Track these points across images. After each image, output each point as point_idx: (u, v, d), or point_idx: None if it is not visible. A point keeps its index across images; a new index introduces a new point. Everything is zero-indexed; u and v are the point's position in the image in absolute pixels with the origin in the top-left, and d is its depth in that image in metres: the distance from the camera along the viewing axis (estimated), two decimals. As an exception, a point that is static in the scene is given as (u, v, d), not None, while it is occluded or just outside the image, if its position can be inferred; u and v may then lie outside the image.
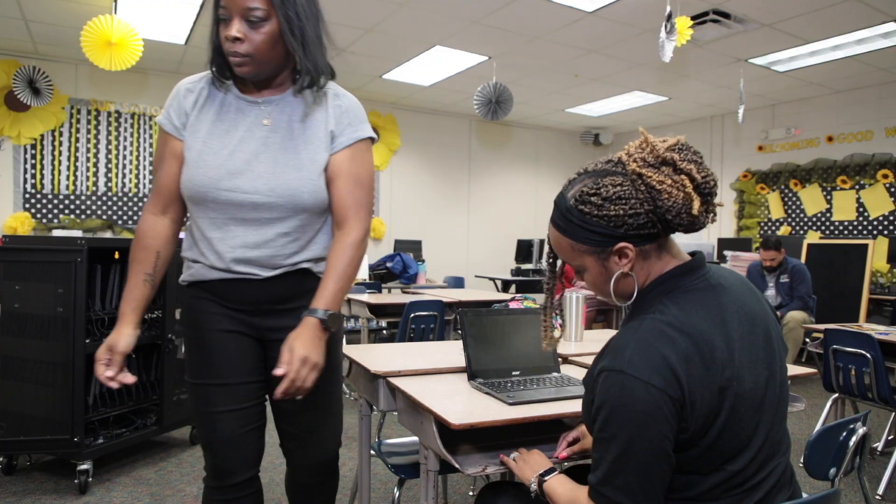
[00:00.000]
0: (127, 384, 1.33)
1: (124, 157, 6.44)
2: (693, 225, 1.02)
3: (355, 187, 1.41)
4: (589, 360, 1.83)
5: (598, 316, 5.75)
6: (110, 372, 1.32)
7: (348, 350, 1.92)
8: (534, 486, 1.21)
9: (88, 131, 6.28)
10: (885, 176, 6.37)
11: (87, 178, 6.27)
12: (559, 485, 1.16)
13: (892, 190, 6.35)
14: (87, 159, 6.27)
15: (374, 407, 1.71)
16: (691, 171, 0.99)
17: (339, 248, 1.37)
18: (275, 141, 1.37)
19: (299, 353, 1.23)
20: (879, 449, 3.33)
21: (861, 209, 6.61)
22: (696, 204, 0.98)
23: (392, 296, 4.86)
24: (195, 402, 1.44)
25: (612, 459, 0.95)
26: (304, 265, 1.42)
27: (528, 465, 1.26)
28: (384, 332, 5.36)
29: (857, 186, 6.64)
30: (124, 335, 1.35)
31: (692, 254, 1.10)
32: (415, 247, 7.27)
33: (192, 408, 1.47)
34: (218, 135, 1.37)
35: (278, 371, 1.22)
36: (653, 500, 0.96)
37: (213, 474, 1.45)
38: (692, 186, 0.99)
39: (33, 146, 6.03)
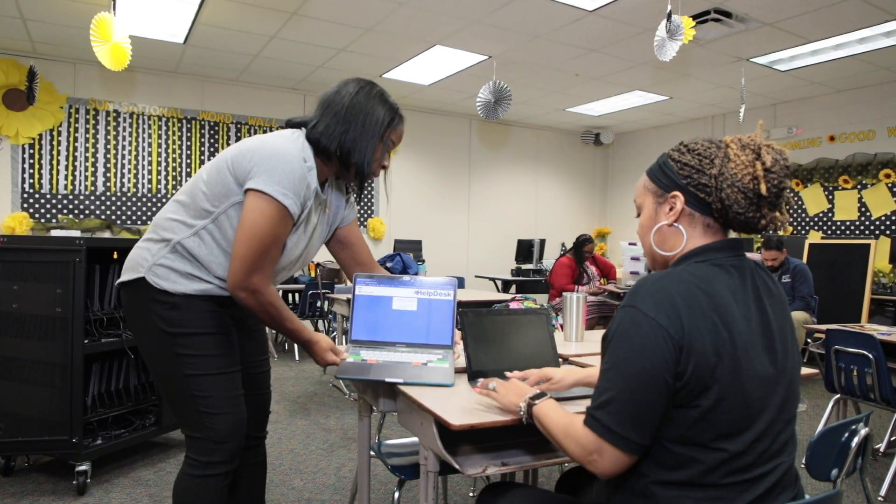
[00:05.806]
0: None
1: (123, 157, 6.42)
2: (747, 223, 1.09)
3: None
4: (589, 361, 1.83)
5: (599, 321, 5.74)
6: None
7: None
8: (523, 411, 1.19)
9: (87, 131, 6.27)
10: (888, 175, 6.36)
11: (86, 178, 6.26)
12: (551, 409, 1.15)
13: (895, 190, 6.34)
14: (86, 159, 6.26)
15: (374, 408, 1.71)
16: (766, 161, 1.06)
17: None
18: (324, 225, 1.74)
19: None
20: (882, 450, 3.32)
21: (863, 209, 6.60)
22: (763, 187, 1.05)
23: (392, 296, 4.84)
24: (224, 388, 1.59)
25: (610, 387, 1.02)
26: None
27: (512, 391, 1.26)
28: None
29: (859, 186, 6.63)
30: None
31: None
32: (415, 247, 7.26)
33: (217, 396, 1.58)
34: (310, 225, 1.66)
35: None
36: (641, 432, 1.00)
37: (229, 458, 1.59)
38: (762, 172, 1.06)
39: (31, 146, 6.02)
